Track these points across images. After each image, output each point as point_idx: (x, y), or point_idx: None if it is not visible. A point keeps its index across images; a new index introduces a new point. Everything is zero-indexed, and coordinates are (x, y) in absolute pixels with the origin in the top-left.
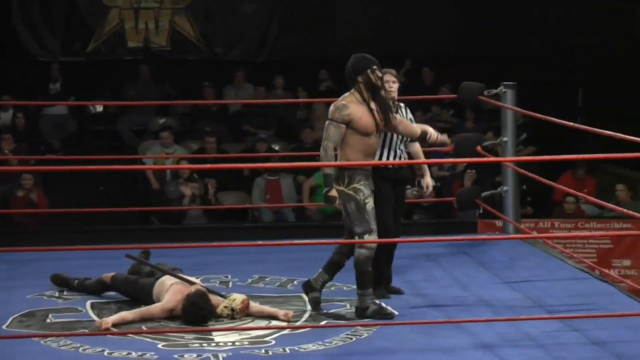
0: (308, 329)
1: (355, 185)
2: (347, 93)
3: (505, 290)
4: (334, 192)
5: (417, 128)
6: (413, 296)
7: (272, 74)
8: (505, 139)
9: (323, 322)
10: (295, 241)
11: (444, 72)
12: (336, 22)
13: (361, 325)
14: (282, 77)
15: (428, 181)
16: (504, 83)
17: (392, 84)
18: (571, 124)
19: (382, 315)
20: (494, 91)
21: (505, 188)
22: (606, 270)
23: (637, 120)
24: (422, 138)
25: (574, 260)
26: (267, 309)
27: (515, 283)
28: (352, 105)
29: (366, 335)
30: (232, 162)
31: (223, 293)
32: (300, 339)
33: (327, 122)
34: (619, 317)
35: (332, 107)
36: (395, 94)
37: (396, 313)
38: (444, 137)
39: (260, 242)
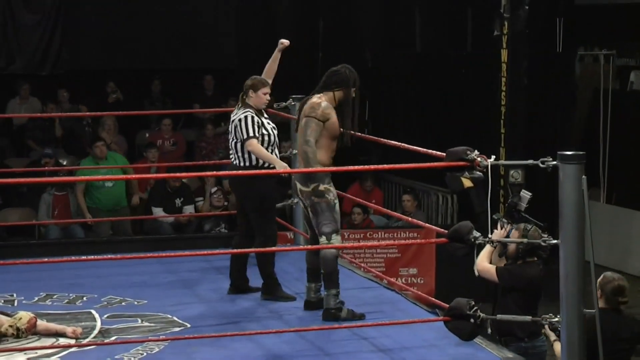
0: (97, 345)
1: (326, 185)
2: (321, 94)
3: (295, 302)
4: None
5: None
6: (204, 308)
7: (58, 87)
8: (295, 151)
9: (113, 338)
10: (83, 257)
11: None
12: (123, 35)
13: (152, 341)
14: (68, 91)
15: None
16: (293, 96)
17: (268, 95)
18: (359, 134)
19: (357, 317)
20: (284, 104)
21: (295, 200)
22: (393, 279)
23: (419, 133)
24: None
25: (363, 269)
26: (55, 326)
27: (305, 294)
28: (331, 107)
29: (157, 350)
30: (18, 176)
31: (8, 312)
32: (88, 356)
33: (306, 119)
34: (403, 325)
35: (311, 105)
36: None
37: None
38: None
39: (46, 259)
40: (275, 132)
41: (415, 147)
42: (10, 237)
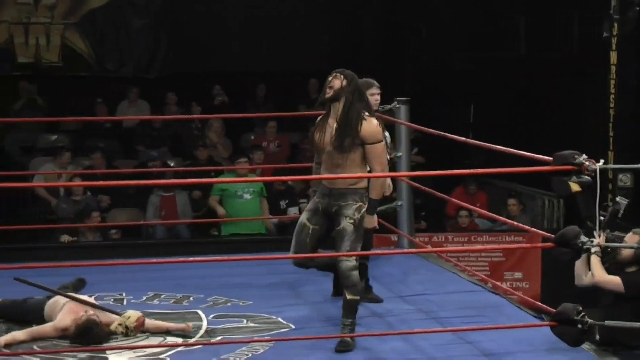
0: (203, 345)
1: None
2: None
3: (399, 304)
4: None
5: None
6: (307, 310)
7: (165, 89)
8: (399, 154)
9: (219, 338)
10: (190, 258)
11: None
12: (227, 37)
13: (257, 341)
14: (175, 93)
15: None
16: (398, 99)
17: (376, 96)
18: (463, 139)
19: None
20: (388, 107)
21: (399, 203)
22: (498, 283)
23: (525, 136)
24: None
25: (467, 273)
26: (164, 324)
27: (409, 297)
28: (320, 118)
29: (262, 351)
30: (127, 177)
31: (118, 311)
32: (195, 355)
33: None
34: (507, 329)
35: None
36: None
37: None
38: None
39: (154, 260)
40: (386, 134)
41: (521, 152)
42: (119, 237)
